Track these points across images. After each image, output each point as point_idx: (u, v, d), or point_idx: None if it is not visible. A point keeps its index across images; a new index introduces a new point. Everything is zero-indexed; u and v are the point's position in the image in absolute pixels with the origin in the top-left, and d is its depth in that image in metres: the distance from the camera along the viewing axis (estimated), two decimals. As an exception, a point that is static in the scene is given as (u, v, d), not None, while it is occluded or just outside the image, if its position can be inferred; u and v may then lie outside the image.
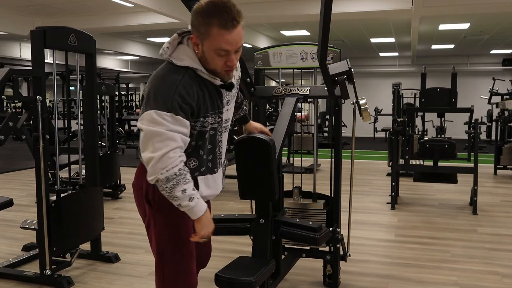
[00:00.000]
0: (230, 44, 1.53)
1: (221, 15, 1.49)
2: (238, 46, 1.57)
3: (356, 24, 10.12)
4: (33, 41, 2.97)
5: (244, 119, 2.25)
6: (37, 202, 3.06)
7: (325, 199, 3.02)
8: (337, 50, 2.91)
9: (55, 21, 8.94)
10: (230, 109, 1.83)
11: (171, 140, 1.52)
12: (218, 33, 1.51)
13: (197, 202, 1.60)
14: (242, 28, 1.56)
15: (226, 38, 1.51)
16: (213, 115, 1.68)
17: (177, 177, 1.53)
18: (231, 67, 1.60)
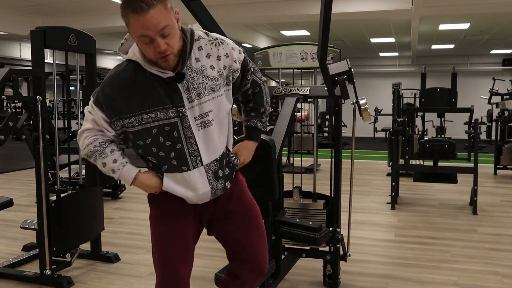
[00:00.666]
0: (147, 28, 1.46)
1: (130, 2, 1.45)
2: (158, 29, 1.47)
3: (356, 24, 10.13)
4: (33, 41, 2.97)
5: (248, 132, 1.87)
6: (37, 202, 3.06)
7: (325, 199, 3.03)
8: (337, 50, 2.91)
9: (55, 21, 8.94)
10: (209, 102, 1.63)
11: (89, 122, 1.67)
12: (133, 20, 1.47)
13: (120, 172, 1.69)
14: (164, 10, 1.48)
15: (141, 23, 1.46)
16: (161, 110, 1.59)
17: (94, 153, 1.66)
18: (162, 53, 1.51)
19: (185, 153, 1.64)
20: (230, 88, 1.72)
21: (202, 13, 2.24)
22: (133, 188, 6.58)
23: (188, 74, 1.60)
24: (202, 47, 1.65)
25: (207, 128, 1.65)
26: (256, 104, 1.85)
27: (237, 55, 1.70)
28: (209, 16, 2.29)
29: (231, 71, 1.69)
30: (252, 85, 1.81)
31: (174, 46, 1.53)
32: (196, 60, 1.63)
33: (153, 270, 1.85)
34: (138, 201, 5.73)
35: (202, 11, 2.24)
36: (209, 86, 1.63)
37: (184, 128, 1.62)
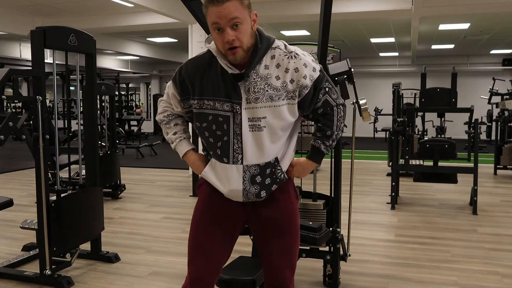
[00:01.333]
0: (219, 17, 1.58)
1: None
2: (229, 19, 1.58)
3: (356, 24, 10.12)
4: (33, 41, 2.97)
5: (310, 151, 1.84)
6: (37, 202, 3.06)
7: (325, 199, 3.03)
8: (337, 50, 2.91)
9: (55, 21, 8.94)
10: (264, 109, 1.68)
11: (165, 94, 1.88)
12: (210, 9, 1.60)
13: (176, 145, 1.86)
14: (239, 5, 1.60)
15: (216, 12, 1.58)
16: (218, 101, 1.69)
17: (162, 122, 1.89)
18: (230, 43, 1.60)
19: (229, 147, 1.71)
20: (295, 102, 1.71)
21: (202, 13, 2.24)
22: (133, 188, 6.58)
23: (252, 78, 1.67)
24: (275, 56, 1.70)
25: (256, 132, 1.69)
26: (324, 125, 1.79)
27: (308, 72, 1.70)
28: (209, 16, 2.29)
29: (299, 87, 1.70)
30: (323, 105, 1.76)
31: (242, 41, 1.62)
32: (265, 67, 1.69)
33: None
34: (138, 201, 5.74)
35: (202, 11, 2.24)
36: (269, 94, 1.67)
37: (235, 124, 1.69)
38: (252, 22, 1.67)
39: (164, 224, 4.68)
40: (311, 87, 1.71)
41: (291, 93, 1.69)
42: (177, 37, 12.04)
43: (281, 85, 1.68)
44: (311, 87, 1.71)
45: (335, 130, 1.79)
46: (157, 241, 4.10)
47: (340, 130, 1.82)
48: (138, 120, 13.03)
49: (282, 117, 1.70)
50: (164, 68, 19.31)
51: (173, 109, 1.87)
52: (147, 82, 20.57)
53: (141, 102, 20.78)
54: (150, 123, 18.36)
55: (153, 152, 10.68)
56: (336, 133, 1.80)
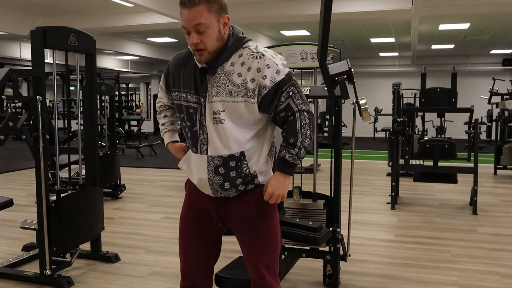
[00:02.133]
0: (186, 21, 1.67)
1: None
2: (194, 24, 1.66)
3: (356, 24, 10.12)
4: (33, 41, 2.97)
5: (278, 163, 1.82)
6: (37, 202, 3.06)
7: (325, 199, 3.02)
8: (337, 50, 2.91)
9: (55, 21, 8.94)
10: (223, 103, 1.73)
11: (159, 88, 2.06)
12: (181, 12, 1.68)
13: (163, 134, 2.06)
14: (205, 11, 1.66)
15: (184, 16, 1.67)
16: (189, 93, 1.80)
17: (157, 111, 2.08)
18: (195, 45, 1.69)
19: (197, 137, 1.80)
20: (254, 102, 1.73)
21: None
22: (133, 188, 6.58)
23: (218, 73, 1.74)
24: (242, 55, 1.75)
25: (218, 125, 1.75)
26: (287, 133, 1.78)
27: (270, 73, 1.71)
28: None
29: (258, 86, 1.72)
30: (285, 109, 1.75)
31: (207, 44, 1.69)
32: (231, 64, 1.74)
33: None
34: (138, 201, 5.74)
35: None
36: (228, 90, 1.73)
37: (201, 115, 1.77)
38: (221, 26, 1.71)
39: (164, 224, 4.68)
40: (272, 88, 1.71)
41: (250, 91, 1.72)
42: (177, 37, 12.04)
43: (242, 82, 1.72)
44: (271, 88, 1.71)
45: (299, 137, 1.76)
46: (157, 241, 4.10)
47: (306, 138, 1.77)
48: (138, 120, 13.03)
49: (239, 114, 1.74)
50: (164, 68, 19.27)
51: (163, 100, 2.04)
52: (147, 82, 20.57)
53: (141, 102, 20.78)
54: (150, 123, 18.35)
55: (153, 152, 10.68)
56: (300, 140, 1.76)
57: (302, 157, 1.80)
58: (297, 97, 1.76)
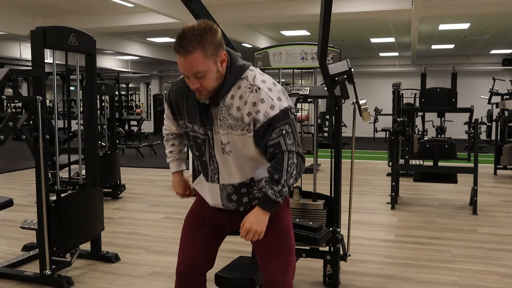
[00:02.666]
0: (182, 68, 1.65)
1: (177, 41, 1.62)
2: (192, 72, 1.64)
3: (356, 24, 10.12)
4: (33, 41, 2.97)
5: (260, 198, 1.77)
6: (37, 202, 3.06)
7: (325, 199, 3.02)
8: (337, 50, 2.91)
9: (55, 21, 8.93)
10: (226, 136, 1.75)
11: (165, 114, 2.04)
12: (177, 57, 1.65)
13: (169, 162, 2.06)
14: (201, 57, 1.61)
15: (180, 63, 1.64)
16: (195, 124, 1.81)
17: (163, 139, 2.08)
18: (195, 88, 1.68)
19: (207, 166, 1.86)
20: (251, 135, 1.73)
21: (202, 13, 2.24)
22: (133, 188, 6.56)
23: (220, 105, 1.74)
24: (241, 87, 1.73)
25: (226, 155, 1.79)
26: (273, 169, 1.72)
27: (264, 108, 1.69)
28: (209, 16, 2.29)
29: (253, 120, 1.71)
30: (274, 146, 1.71)
31: (206, 86, 1.68)
32: (231, 96, 1.73)
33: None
34: (138, 201, 5.74)
35: (202, 11, 2.24)
36: (229, 123, 1.74)
37: (210, 146, 1.81)
38: (219, 65, 1.67)
39: (164, 224, 4.68)
40: (264, 123, 1.69)
41: (247, 125, 1.71)
42: (177, 37, 12.03)
43: (239, 116, 1.72)
44: (264, 123, 1.69)
45: (284, 175, 1.70)
46: (157, 241, 4.10)
47: (291, 177, 1.72)
48: (138, 120, 13.03)
49: (240, 146, 1.76)
50: (164, 68, 19.31)
51: (171, 129, 2.03)
52: (147, 82, 20.57)
53: (141, 102, 20.78)
54: (150, 123, 18.35)
55: (153, 152, 10.67)
56: (285, 178, 1.70)
57: (285, 195, 1.74)
58: (289, 136, 1.71)
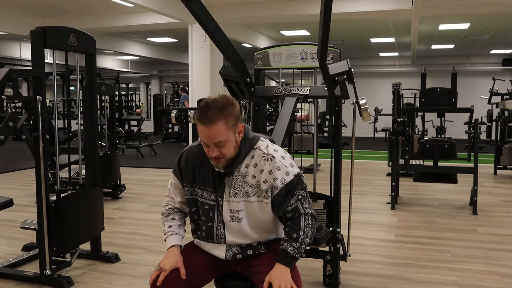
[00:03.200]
0: (205, 137, 1.77)
1: (201, 111, 1.75)
2: (214, 142, 1.76)
3: (356, 24, 10.12)
4: (33, 41, 2.97)
5: (279, 255, 1.83)
6: (37, 202, 3.06)
7: (325, 199, 3.02)
8: (337, 50, 2.91)
9: (55, 21, 8.93)
10: (241, 203, 1.85)
11: (168, 186, 2.06)
12: (198, 127, 1.77)
13: (166, 238, 1.98)
14: (223, 127, 1.74)
15: (202, 132, 1.76)
16: (206, 191, 1.90)
17: (162, 214, 2.05)
18: (213, 157, 1.79)
19: (213, 232, 1.91)
20: (268, 202, 1.85)
21: (202, 14, 2.23)
22: (133, 188, 6.55)
23: (234, 175, 1.86)
24: (254, 156, 1.87)
25: (236, 223, 1.88)
26: (290, 229, 1.85)
27: (281, 175, 1.83)
28: (209, 16, 2.29)
29: (271, 187, 1.84)
30: (293, 211, 1.85)
31: (226, 154, 1.80)
32: (246, 166, 1.87)
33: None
34: (138, 201, 5.74)
35: (202, 12, 2.23)
36: (245, 191, 1.86)
37: (218, 212, 1.89)
38: (237, 135, 1.82)
39: (164, 224, 4.68)
40: (282, 189, 1.83)
41: (264, 192, 1.84)
42: (177, 37, 12.04)
43: (256, 183, 1.85)
44: (282, 189, 1.83)
45: (301, 234, 1.84)
46: (157, 241, 4.10)
47: (307, 237, 1.86)
48: (138, 120, 13.03)
49: (256, 213, 1.87)
50: (164, 68, 19.31)
51: (174, 203, 2.04)
52: (147, 82, 20.56)
53: (141, 102, 20.77)
54: (150, 123, 18.35)
55: (153, 152, 10.67)
56: (302, 237, 1.84)
57: (302, 252, 1.86)
58: (305, 201, 1.87)
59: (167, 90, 19.98)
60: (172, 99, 17.37)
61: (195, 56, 8.58)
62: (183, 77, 17.13)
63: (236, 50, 2.50)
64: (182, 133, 13.76)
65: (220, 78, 2.87)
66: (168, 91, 19.76)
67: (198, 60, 8.57)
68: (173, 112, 6.34)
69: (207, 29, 2.29)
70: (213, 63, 8.47)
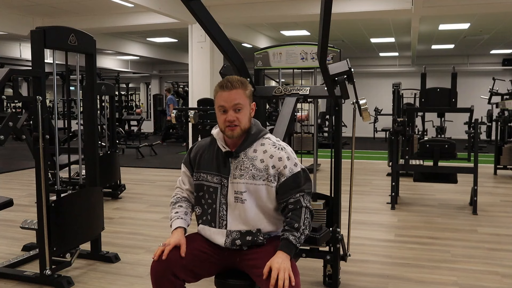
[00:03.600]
0: (225, 101, 1.93)
1: (222, 81, 1.97)
2: (234, 104, 1.93)
3: (356, 24, 10.13)
4: (33, 41, 2.97)
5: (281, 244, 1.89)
6: (37, 202, 3.06)
7: (325, 199, 3.02)
8: (337, 50, 2.91)
9: (55, 21, 8.94)
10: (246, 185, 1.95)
11: (181, 175, 2.18)
12: (219, 93, 1.95)
13: (172, 222, 2.07)
14: (242, 94, 1.95)
15: (223, 97, 1.94)
16: (211, 175, 2.03)
17: (170, 204, 2.16)
18: (230, 122, 1.93)
19: (216, 214, 2.01)
20: (273, 185, 1.97)
21: (202, 14, 2.24)
22: (133, 188, 6.55)
23: (241, 157, 1.99)
24: (264, 144, 2.02)
25: (240, 203, 1.98)
26: (292, 219, 1.93)
27: (290, 164, 1.98)
28: (209, 16, 2.29)
29: (278, 174, 1.98)
30: (295, 203, 1.95)
31: (241, 121, 1.96)
32: (254, 150, 2.00)
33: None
34: (138, 201, 5.74)
35: (202, 12, 2.24)
36: (252, 173, 1.97)
37: (221, 195, 2.00)
38: (251, 109, 2.02)
39: (164, 224, 4.68)
40: (290, 177, 1.96)
41: (271, 177, 1.97)
42: (177, 37, 12.04)
43: (264, 167, 1.97)
44: (289, 178, 1.96)
45: (301, 225, 1.92)
46: (157, 241, 4.10)
47: (306, 229, 1.93)
48: (138, 120, 13.04)
49: (260, 196, 1.97)
50: (164, 68, 19.31)
51: (182, 191, 2.15)
52: (147, 82, 20.56)
53: (141, 102, 20.77)
54: (150, 123, 18.35)
55: (153, 152, 10.68)
56: (303, 227, 1.92)
57: (301, 243, 1.93)
58: (307, 198, 1.99)
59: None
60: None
61: (195, 56, 8.58)
62: (183, 77, 17.14)
63: (236, 50, 2.50)
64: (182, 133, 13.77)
65: (220, 78, 2.87)
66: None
67: (198, 60, 8.57)
68: (173, 112, 6.37)
69: (207, 29, 2.29)
70: (213, 63, 8.47)
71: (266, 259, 1.86)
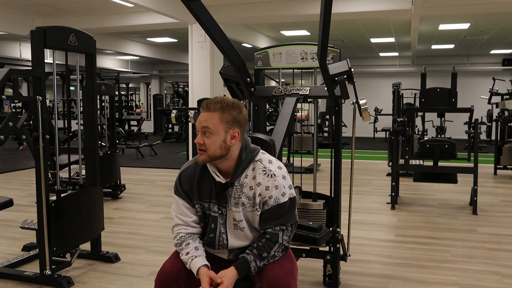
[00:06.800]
0: (198, 121, 1.85)
1: (206, 100, 1.87)
2: (201, 126, 1.83)
3: (356, 24, 10.13)
4: (33, 41, 2.97)
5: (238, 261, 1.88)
6: (37, 202, 3.06)
7: (325, 199, 3.02)
8: (337, 50, 2.91)
9: (55, 21, 8.94)
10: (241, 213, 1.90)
11: (174, 208, 2.01)
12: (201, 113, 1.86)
13: (189, 266, 1.90)
14: (216, 119, 1.81)
15: (200, 116, 1.85)
16: (211, 203, 1.94)
17: (176, 245, 1.98)
18: (198, 144, 1.84)
19: (215, 242, 1.97)
20: (258, 213, 1.90)
21: (202, 14, 2.23)
22: (133, 188, 6.56)
23: (235, 185, 1.90)
24: (255, 169, 1.90)
25: (239, 231, 1.94)
26: (264, 246, 1.88)
27: (276, 194, 1.87)
28: (209, 16, 2.29)
29: (263, 202, 1.89)
30: (272, 235, 1.88)
31: (208, 148, 1.83)
32: (245, 176, 1.90)
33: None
34: (138, 201, 5.74)
35: (202, 12, 2.23)
36: (242, 201, 1.90)
37: (220, 224, 1.95)
38: (228, 137, 1.84)
39: (164, 224, 4.68)
40: (273, 207, 1.87)
41: (257, 204, 1.89)
42: (177, 37, 12.04)
43: (251, 195, 1.89)
44: (273, 208, 1.87)
45: (269, 256, 1.87)
46: (157, 241, 4.10)
47: (271, 259, 1.88)
48: (138, 120, 13.03)
49: (255, 220, 1.92)
50: (164, 68, 19.31)
51: (185, 228, 1.99)
52: (147, 82, 20.56)
53: (141, 102, 20.77)
54: (150, 123, 18.35)
55: (153, 152, 10.68)
56: (268, 258, 1.87)
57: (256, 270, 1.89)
58: (288, 235, 1.91)
59: (167, 90, 19.98)
60: (172, 99, 17.38)
61: (195, 56, 8.58)
62: (183, 77, 17.14)
63: (236, 50, 2.50)
64: (182, 133, 13.76)
65: (220, 78, 2.87)
66: (168, 91, 19.77)
67: (198, 60, 8.57)
68: (173, 112, 6.37)
69: (207, 29, 2.29)
70: (213, 63, 8.47)
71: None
